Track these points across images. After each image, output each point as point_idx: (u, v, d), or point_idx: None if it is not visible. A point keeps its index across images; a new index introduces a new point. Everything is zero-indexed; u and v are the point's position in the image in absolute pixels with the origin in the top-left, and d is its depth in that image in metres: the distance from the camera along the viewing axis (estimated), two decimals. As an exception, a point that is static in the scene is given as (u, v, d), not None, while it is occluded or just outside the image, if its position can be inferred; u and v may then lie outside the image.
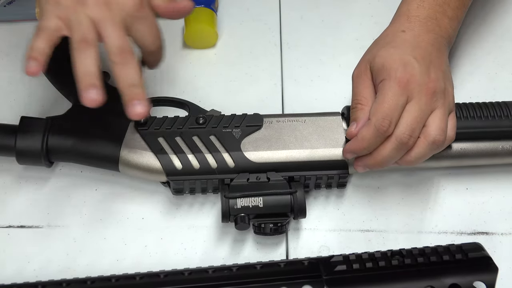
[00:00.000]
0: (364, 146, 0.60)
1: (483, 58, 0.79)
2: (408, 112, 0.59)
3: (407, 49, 0.62)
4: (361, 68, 0.64)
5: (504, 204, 0.68)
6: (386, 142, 0.60)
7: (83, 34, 0.56)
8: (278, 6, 0.84)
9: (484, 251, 0.58)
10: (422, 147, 0.60)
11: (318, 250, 0.64)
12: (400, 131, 0.59)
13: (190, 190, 0.65)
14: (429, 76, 0.61)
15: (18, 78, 0.76)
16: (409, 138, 0.59)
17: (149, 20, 0.60)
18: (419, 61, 0.61)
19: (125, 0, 0.58)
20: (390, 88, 0.60)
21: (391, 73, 0.60)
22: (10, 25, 0.81)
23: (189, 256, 0.64)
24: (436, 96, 0.60)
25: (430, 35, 0.64)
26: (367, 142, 0.60)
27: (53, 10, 0.57)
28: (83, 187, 0.68)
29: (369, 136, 0.60)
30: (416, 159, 0.61)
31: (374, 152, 0.61)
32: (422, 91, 0.60)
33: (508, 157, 0.66)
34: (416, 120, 0.59)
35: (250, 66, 0.78)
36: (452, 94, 0.63)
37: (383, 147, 0.60)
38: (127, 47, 0.57)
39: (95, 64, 0.56)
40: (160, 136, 0.64)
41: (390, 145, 0.60)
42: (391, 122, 0.59)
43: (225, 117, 0.66)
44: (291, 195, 0.61)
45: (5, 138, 0.64)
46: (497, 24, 0.82)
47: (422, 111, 0.60)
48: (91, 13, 0.57)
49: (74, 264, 0.63)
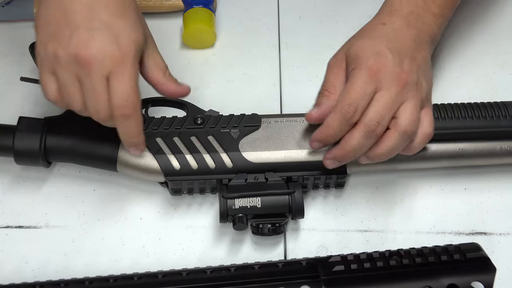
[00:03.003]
0: (330, 133, 0.59)
1: (482, 58, 0.79)
2: (377, 100, 0.59)
3: (383, 41, 0.61)
4: (337, 58, 0.63)
5: (502, 204, 0.68)
6: (353, 130, 0.59)
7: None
8: (277, 7, 0.84)
9: (482, 252, 0.58)
10: (393, 138, 0.59)
11: (316, 251, 0.64)
12: (368, 118, 0.58)
13: (188, 190, 0.65)
14: (401, 68, 0.60)
15: (16, 78, 0.76)
16: (377, 125, 0.58)
17: (124, 79, 0.56)
18: (393, 52, 0.60)
19: (106, 54, 0.55)
20: (359, 76, 0.59)
21: (362, 62, 0.60)
22: (8, 25, 0.81)
23: (187, 257, 0.64)
24: (408, 88, 0.59)
25: (411, 30, 0.63)
26: (332, 129, 0.59)
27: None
28: (81, 187, 0.68)
29: (335, 123, 0.59)
30: (387, 151, 0.59)
31: (341, 141, 0.60)
32: (393, 81, 0.59)
33: (506, 157, 0.66)
34: (385, 108, 0.58)
35: (248, 66, 0.78)
36: (426, 89, 0.61)
37: (351, 136, 0.59)
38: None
39: (134, 129, 0.58)
40: (158, 136, 0.64)
41: (358, 133, 0.58)
42: (356, 109, 0.58)
43: (223, 117, 0.66)
44: (289, 195, 0.61)
45: (3, 138, 0.64)
46: (496, 24, 0.82)
47: (392, 100, 0.59)
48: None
49: (72, 265, 0.63)
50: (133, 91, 0.56)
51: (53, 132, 0.64)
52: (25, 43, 0.73)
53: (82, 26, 0.55)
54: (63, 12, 0.56)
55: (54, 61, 0.56)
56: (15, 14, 0.81)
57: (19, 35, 0.80)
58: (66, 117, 0.66)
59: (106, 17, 0.56)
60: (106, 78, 0.55)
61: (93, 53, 0.54)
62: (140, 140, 0.59)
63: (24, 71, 0.76)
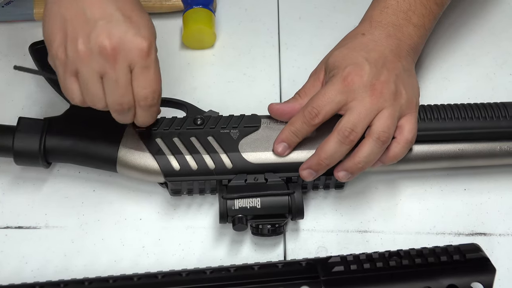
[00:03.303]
0: (291, 131, 0.61)
1: (482, 58, 0.79)
2: (351, 109, 0.60)
3: (362, 51, 0.62)
4: (316, 69, 0.65)
5: (502, 205, 0.68)
6: (329, 137, 0.60)
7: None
8: (277, 7, 0.84)
9: (482, 252, 0.58)
10: (368, 146, 0.60)
11: (315, 251, 0.64)
12: (342, 125, 0.60)
13: (188, 191, 0.65)
14: (378, 78, 0.61)
15: (16, 79, 0.76)
16: (350, 131, 0.59)
17: (151, 69, 0.57)
18: (370, 63, 0.61)
19: (131, 44, 0.55)
20: (332, 84, 0.61)
21: (339, 71, 0.61)
22: (8, 25, 0.81)
23: (187, 257, 0.64)
24: (384, 97, 0.60)
25: (390, 40, 0.64)
26: (295, 128, 0.61)
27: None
28: (81, 188, 0.68)
29: (297, 122, 0.61)
30: (364, 158, 0.60)
31: (317, 149, 0.61)
32: (367, 91, 0.60)
33: (506, 157, 0.66)
34: (358, 116, 0.59)
35: (248, 67, 0.78)
36: (406, 97, 0.62)
37: (326, 142, 0.60)
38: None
39: (154, 116, 0.61)
40: (158, 137, 0.64)
41: (332, 139, 0.60)
42: (319, 112, 0.60)
43: (223, 118, 0.65)
44: (289, 196, 0.61)
45: (3, 139, 0.64)
46: (496, 24, 0.82)
47: (366, 110, 0.60)
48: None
49: (71, 265, 0.63)
50: (159, 82, 0.58)
51: (53, 133, 0.64)
52: (25, 43, 0.73)
53: (102, 19, 0.55)
54: (79, 9, 0.56)
55: (76, 60, 0.56)
56: (15, 14, 0.81)
57: (19, 35, 0.80)
58: (65, 118, 0.66)
59: (124, 10, 0.56)
60: (130, 70, 0.56)
61: (118, 43, 0.55)
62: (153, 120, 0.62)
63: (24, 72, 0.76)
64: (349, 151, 0.61)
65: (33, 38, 0.73)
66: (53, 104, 0.73)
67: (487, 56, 0.79)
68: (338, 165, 0.61)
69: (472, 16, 0.83)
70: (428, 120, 0.65)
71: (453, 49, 0.80)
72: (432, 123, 0.65)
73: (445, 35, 0.81)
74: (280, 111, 0.64)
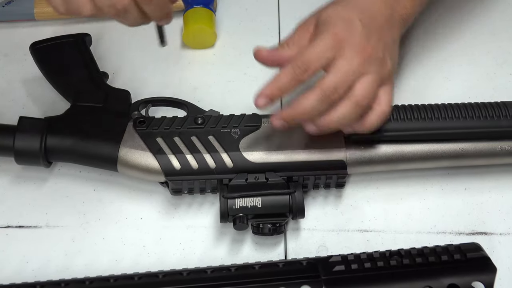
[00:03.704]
0: (277, 86, 0.59)
1: (482, 58, 0.79)
2: (337, 67, 0.58)
3: (356, 11, 0.61)
4: (306, 21, 0.63)
5: (503, 204, 0.68)
6: (309, 92, 0.58)
7: None
8: (277, 7, 0.84)
9: (482, 251, 0.58)
10: (345, 108, 0.58)
11: (316, 250, 0.64)
12: (325, 83, 0.58)
13: (188, 190, 0.65)
14: (368, 41, 0.59)
15: (17, 78, 0.76)
16: (333, 91, 0.58)
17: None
18: (363, 24, 0.60)
19: None
20: (322, 39, 0.59)
21: (330, 27, 0.59)
22: (9, 25, 0.81)
23: (188, 256, 0.64)
24: (370, 62, 0.59)
25: (385, 8, 0.63)
26: (281, 83, 0.59)
27: None
28: (81, 187, 0.68)
29: (285, 78, 0.58)
30: (338, 119, 0.59)
31: (294, 103, 0.59)
32: (357, 52, 0.59)
33: (507, 157, 0.66)
34: (343, 76, 0.58)
35: (248, 66, 0.78)
36: (390, 68, 0.61)
37: (305, 97, 0.58)
38: None
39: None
40: (159, 136, 0.64)
41: (313, 96, 0.58)
42: (308, 68, 0.58)
43: (224, 117, 0.66)
44: (289, 195, 0.61)
45: (4, 138, 0.64)
46: (496, 24, 0.82)
47: (352, 70, 0.58)
48: None
49: (72, 264, 0.63)
50: None
51: (54, 132, 0.64)
52: (25, 43, 0.73)
53: None
54: None
55: None
56: (15, 14, 0.81)
57: (19, 35, 0.80)
58: (66, 117, 0.66)
59: None
60: None
61: None
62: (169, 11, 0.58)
63: (25, 71, 0.76)
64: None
65: (33, 38, 0.73)
66: (54, 104, 0.73)
67: (487, 56, 0.79)
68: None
69: (473, 16, 0.83)
70: (428, 119, 0.65)
71: (454, 48, 0.80)
72: (433, 122, 0.65)
73: (445, 35, 0.81)
74: (267, 58, 0.61)
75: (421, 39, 0.80)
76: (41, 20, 0.81)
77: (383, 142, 0.65)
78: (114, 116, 0.66)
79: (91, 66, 0.71)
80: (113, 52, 0.78)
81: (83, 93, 0.68)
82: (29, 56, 0.72)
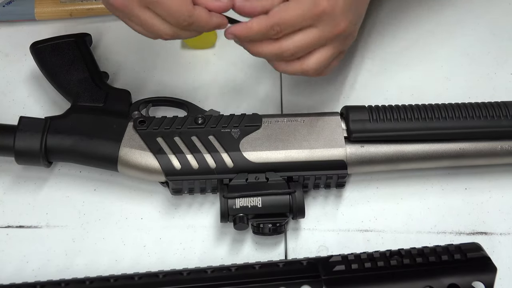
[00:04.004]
0: (247, 35, 0.59)
1: (482, 58, 0.79)
2: (306, 34, 0.59)
3: None
4: None
5: (503, 204, 0.68)
6: (269, 44, 0.59)
7: None
8: (277, 6, 0.84)
9: (483, 251, 0.58)
10: (293, 69, 0.61)
11: (316, 250, 0.64)
12: (287, 45, 0.59)
13: (189, 190, 0.65)
14: (346, 17, 0.60)
15: (17, 78, 0.76)
16: (290, 55, 0.59)
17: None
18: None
19: None
20: (304, 3, 0.58)
21: None
22: (9, 25, 0.81)
23: (188, 256, 0.64)
24: (339, 38, 0.60)
25: None
26: (251, 35, 0.59)
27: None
28: (81, 187, 0.68)
29: (255, 31, 0.58)
30: (283, 70, 0.62)
31: (253, 43, 0.60)
32: (332, 26, 0.59)
33: (507, 157, 0.66)
34: (307, 45, 0.59)
35: (249, 66, 0.78)
36: (350, 42, 0.63)
37: (264, 46, 0.60)
38: None
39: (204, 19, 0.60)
40: (159, 136, 0.64)
41: (271, 49, 0.59)
42: (280, 32, 0.58)
43: (224, 117, 0.66)
44: (289, 195, 0.61)
45: (4, 138, 0.64)
46: (497, 24, 0.82)
47: (318, 41, 0.59)
48: None
49: (73, 264, 0.63)
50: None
51: (54, 132, 0.64)
52: (25, 43, 0.73)
53: None
54: None
55: None
56: (16, 14, 0.81)
57: (19, 35, 0.80)
58: (66, 117, 0.66)
59: None
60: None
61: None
62: (216, 19, 0.60)
63: (25, 71, 0.76)
64: None
65: (34, 38, 0.73)
66: (54, 104, 0.73)
67: (487, 56, 0.79)
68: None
69: (473, 15, 0.83)
70: (429, 119, 0.65)
71: (454, 48, 0.80)
72: (433, 122, 0.65)
73: (445, 35, 0.81)
74: (240, 8, 0.60)
75: (421, 39, 0.80)
76: (41, 20, 0.81)
77: (383, 142, 0.65)
78: (115, 116, 0.66)
79: (91, 66, 0.71)
80: (113, 52, 0.78)
81: (83, 93, 0.68)
82: (29, 56, 0.72)
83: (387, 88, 0.76)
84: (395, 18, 0.82)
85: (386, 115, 0.65)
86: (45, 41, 0.72)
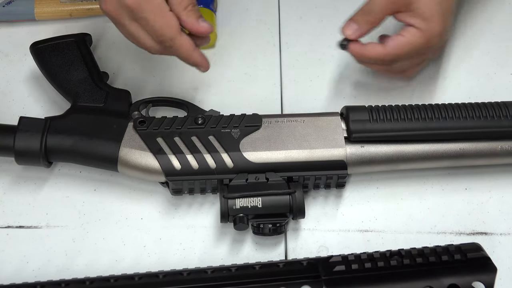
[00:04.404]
0: (364, 58, 0.68)
1: (483, 58, 0.79)
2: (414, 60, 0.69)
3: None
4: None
5: (503, 204, 0.68)
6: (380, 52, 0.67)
7: None
8: (277, 7, 0.84)
9: (483, 252, 0.58)
10: (393, 76, 0.74)
11: (317, 251, 0.64)
12: (395, 67, 0.69)
13: (189, 190, 0.65)
14: (447, 40, 0.71)
15: (17, 78, 0.76)
16: (397, 72, 0.71)
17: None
18: (448, 13, 0.67)
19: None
20: (417, 40, 0.66)
21: (423, 24, 0.65)
22: (9, 25, 0.81)
23: (188, 256, 0.64)
24: (435, 53, 0.72)
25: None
26: (367, 58, 0.68)
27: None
28: (82, 187, 0.68)
29: (374, 57, 0.67)
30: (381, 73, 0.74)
31: (366, 47, 0.68)
32: (436, 51, 0.71)
33: (507, 157, 0.66)
34: (411, 65, 0.70)
35: (249, 66, 0.78)
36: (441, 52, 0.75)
37: (374, 66, 0.71)
38: None
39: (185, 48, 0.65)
40: (159, 136, 0.64)
41: (380, 68, 0.72)
42: (394, 60, 0.67)
43: (224, 117, 0.66)
44: (290, 195, 0.61)
45: (4, 138, 0.64)
46: (497, 24, 0.82)
47: (422, 61, 0.71)
48: None
49: (73, 264, 0.63)
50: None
51: (54, 132, 0.64)
52: (25, 43, 0.73)
53: None
54: None
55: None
56: (16, 14, 0.81)
57: (19, 35, 0.80)
58: (66, 117, 0.66)
59: None
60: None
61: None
62: (197, 57, 0.65)
63: (25, 71, 0.76)
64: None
65: (34, 38, 0.73)
66: (54, 104, 0.73)
67: (487, 56, 0.79)
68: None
69: (473, 15, 0.83)
70: (429, 119, 0.65)
71: (454, 48, 0.80)
72: (433, 122, 0.65)
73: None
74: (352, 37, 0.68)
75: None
76: (41, 20, 0.81)
77: (383, 142, 0.65)
78: (115, 116, 0.66)
79: (91, 66, 0.71)
80: (113, 52, 0.78)
81: (83, 93, 0.68)
82: (29, 56, 0.72)
83: (387, 88, 0.76)
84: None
85: (386, 115, 0.65)
86: (45, 41, 0.72)
